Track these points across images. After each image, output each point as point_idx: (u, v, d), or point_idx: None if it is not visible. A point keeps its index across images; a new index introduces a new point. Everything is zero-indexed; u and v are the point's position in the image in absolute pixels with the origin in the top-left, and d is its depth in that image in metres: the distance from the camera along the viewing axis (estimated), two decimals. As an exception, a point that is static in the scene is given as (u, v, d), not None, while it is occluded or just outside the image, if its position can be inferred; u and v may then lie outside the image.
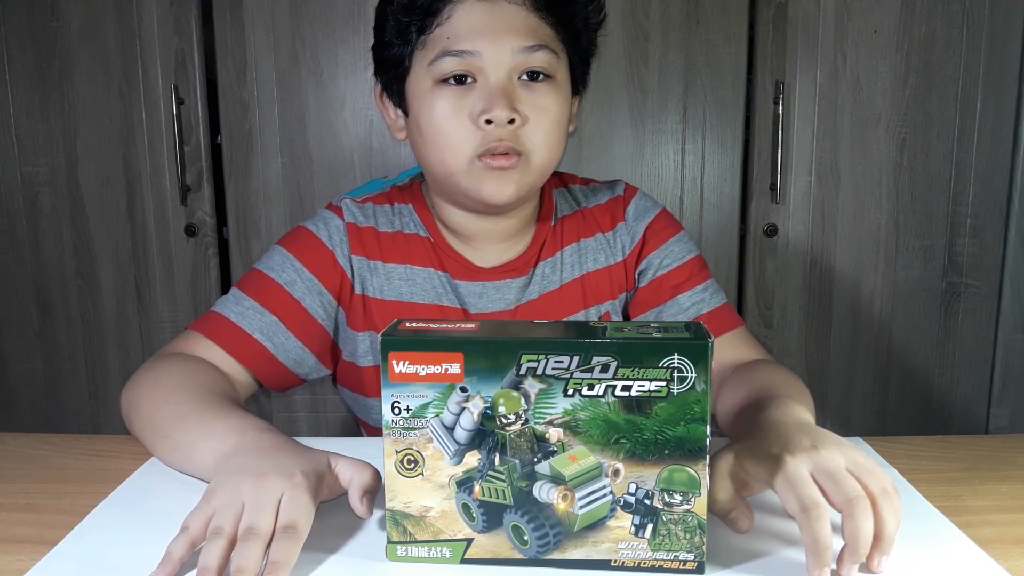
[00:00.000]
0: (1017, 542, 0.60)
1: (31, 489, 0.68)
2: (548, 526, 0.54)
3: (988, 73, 1.50)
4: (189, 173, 1.53)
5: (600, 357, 0.51)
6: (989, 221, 1.56)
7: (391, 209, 0.90)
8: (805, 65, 1.51)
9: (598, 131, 1.53)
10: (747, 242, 1.57)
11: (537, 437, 0.53)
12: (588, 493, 0.54)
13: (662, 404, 0.52)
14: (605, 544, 0.55)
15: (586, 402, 0.52)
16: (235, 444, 0.63)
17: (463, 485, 0.54)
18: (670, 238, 0.92)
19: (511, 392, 0.52)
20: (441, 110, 0.78)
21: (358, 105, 1.53)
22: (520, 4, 0.78)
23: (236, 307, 0.83)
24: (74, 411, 1.62)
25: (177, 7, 1.49)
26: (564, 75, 0.82)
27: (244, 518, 0.54)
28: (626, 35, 1.50)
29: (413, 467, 0.54)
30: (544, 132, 0.80)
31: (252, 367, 0.82)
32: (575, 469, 0.53)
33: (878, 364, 1.61)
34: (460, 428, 0.53)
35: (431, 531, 0.55)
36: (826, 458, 0.55)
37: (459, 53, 0.77)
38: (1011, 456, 0.77)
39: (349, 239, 0.87)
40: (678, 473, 0.53)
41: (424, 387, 0.53)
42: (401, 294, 0.87)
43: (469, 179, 0.80)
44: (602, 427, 0.52)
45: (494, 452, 0.54)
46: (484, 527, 0.55)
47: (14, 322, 1.60)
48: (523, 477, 0.54)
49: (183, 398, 0.71)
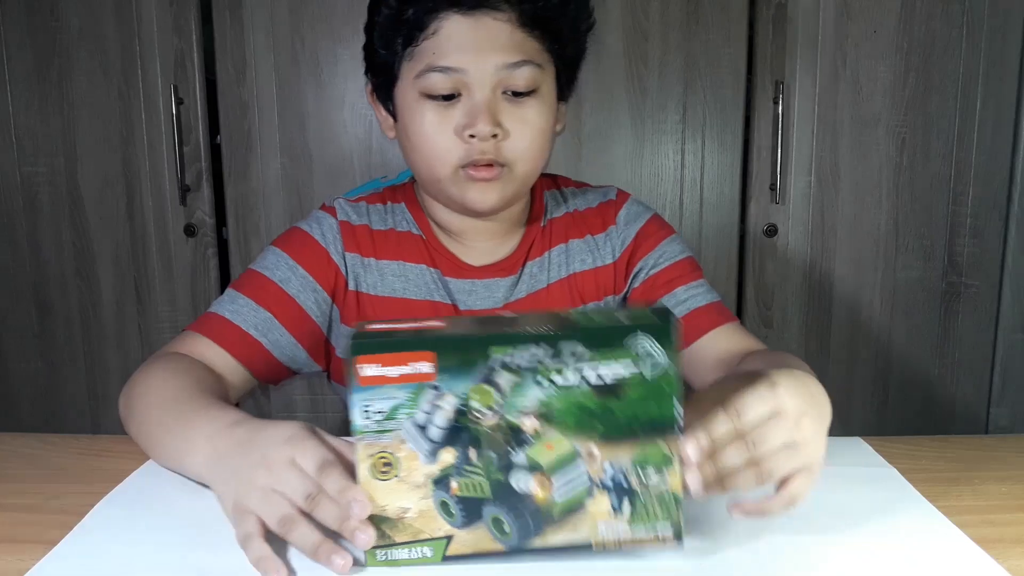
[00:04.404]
0: (1017, 542, 0.60)
1: (31, 489, 0.68)
2: (528, 515, 0.55)
3: (988, 73, 1.50)
4: (188, 173, 1.53)
5: (570, 345, 0.51)
6: (989, 221, 1.56)
7: (384, 208, 0.92)
8: (805, 65, 1.51)
9: (598, 131, 1.53)
10: (747, 242, 1.57)
11: (512, 429, 0.53)
12: (565, 479, 0.54)
13: (633, 386, 0.52)
14: (585, 527, 0.55)
15: (559, 390, 0.52)
16: (213, 451, 0.62)
17: (440, 483, 0.54)
18: (662, 240, 0.94)
19: (483, 386, 0.52)
20: (428, 123, 0.81)
21: (358, 105, 1.52)
22: (505, 20, 0.80)
23: (231, 305, 0.84)
24: (74, 411, 1.62)
25: (176, 7, 1.49)
26: (550, 86, 0.84)
27: (288, 496, 0.55)
28: (626, 35, 1.50)
29: (388, 470, 0.54)
30: (527, 143, 0.82)
31: (247, 362, 0.83)
32: (551, 457, 0.54)
33: (878, 364, 1.61)
34: (434, 427, 0.53)
35: (410, 532, 0.55)
36: (776, 409, 0.57)
37: (444, 69, 0.79)
38: (1011, 456, 0.77)
39: (343, 236, 0.89)
40: (652, 450, 0.54)
41: (395, 388, 0.52)
42: (394, 290, 0.88)
43: (454, 187, 0.83)
44: (576, 414, 0.53)
45: (470, 447, 0.53)
46: (463, 522, 0.55)
47: (14, 322, 1.60)
48: (500, 469, 0.54)
49: (166, 402, 0.71)
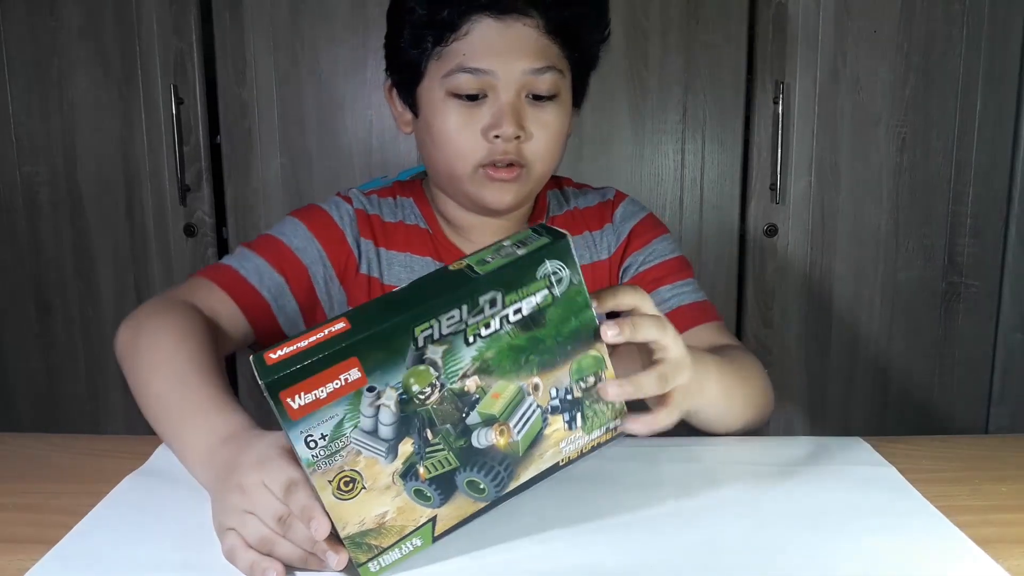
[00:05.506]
0: (1017, 542, 0.60)
1: (31, 489, 0.68)
2: (497, 465, 0.56)
3: (988, 73, 1.50)
4: (188, 173, 1.53)
5: (484, 295, 0.51)
6: (989, 221, 1.56)
7: (394, 201, 0.95)
8: (805, 65, 1.51)
9: (598, 131, 1.53)
10: (747, 242, 1.57)
11: (457, 395, 0.53)
12: (520, 418, 0.55)
13: (551, 309, 0.53)
14: (549, 452, 0.57)
15: (488, 341, 0.52)
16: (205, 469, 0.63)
17: (407, 475, 0.54)
18: (654, 239, 0.96)
19: (418, 368, 0.51)
20: (452, 121, 0.83)
21: (358, 105, 1.53)
22: (533, 27, 0.82)
23: (247, 263, 0.85)
24: (74, 411, 1.62)
25: (176, 7, 1.49)
26: (567, 92, 0.87)
27: (261, 519, 0.55)
28: (626, 35, 1.50)
29: (352, 486, 0.52)
30: (545, 146, 0.85)
31: (255, 322, 0.84)
32: (501, 404, 0.54)
33: (878, 364, 1.61)
34: (382, 426, 0.51)
35: (395, 532, 0.55)
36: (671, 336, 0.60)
37: (474, 71, 0.81)
38: (1011, 456, 0.77)
39: (359, 222, 0.91)
40: (584, 360, 0.55)
41: (330, 407, 0.49)
42: (400, 280, 0.90)
43: (472, 185, 0.85)
44: (509, 356, 0.53)
45: (425, 430, 0.53)
46: (441, 500, 0.56)
47: (14, 322, 1.60)
48: (459, 436, 0.54)
49: (171, 377, 0.70)
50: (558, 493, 0.66)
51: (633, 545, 0.59)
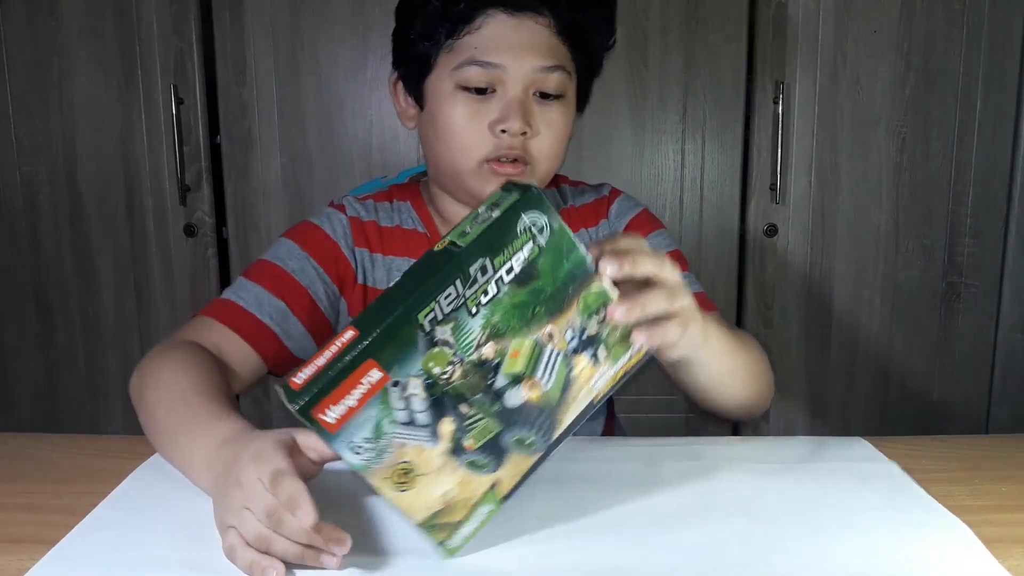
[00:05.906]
0: (1017, 542, 0.60)
1: (31, 489, 0.68)
2: (537, 418, 0.57)
3: (988, 73, 1.50)
4: (188, 173, 1.53)
5: (473, 265, 0.52)
6: (989, 221, 1.56)
7: (391, 206, 0.94)
8: (805, 65, 1.51)
9: (598, 131, 1.53)
10: (747, 242, 1.57)
11: (479, 365, 0.54)
12: (544, 369, 0.56)
13: (540, 259, 0.54)
14: (582, 392, 0.59)
15: (491, 307, 0.53)
16: (210, 473, 0.63)
17: (456, 451, 0.55)
18: (650, 233, 0.96)
19: (433, 351, 0.52)
20: (460, 114, 0.83)
21: (358, 105, 1.53)
22: (545, 25, 0.83)
23: (245, 294, 0.85)
24: (74, 411, 1.62)
25: (176, 7, 1.49)
26: (572, 94, 0.88)
27: (256, 514, 0.55)
28: (626, 35, 1.50)
29: (408, 476, 0.54)
30: (550, 144, 0.85)
31: (262, 352, 0.83)
32: (523, 361, 0.56)
33: (878, 364, 1.61)
34: (417, 414, 0.53)
35: (462, 506, 0.57)
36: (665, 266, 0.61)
37: (485, 64, 0.82)
38: (1011, 456, 0.77)
39: (353, 231, 0.90)
40: (589, 296, 0.57)
41: (363, 411, 0.51)
42: None
43: (475, 180, 0.85)
44: (516, 314, 0.54)
45: (459, 406, 0.54)
46: (496, 465, 0.57)
47: (14, 322, 1.60)
48: (492, 402, 0.55)
49: (173, 401, 0.71)
50: (558, 493, 0.66)
51: (633, 545, 0.59)
